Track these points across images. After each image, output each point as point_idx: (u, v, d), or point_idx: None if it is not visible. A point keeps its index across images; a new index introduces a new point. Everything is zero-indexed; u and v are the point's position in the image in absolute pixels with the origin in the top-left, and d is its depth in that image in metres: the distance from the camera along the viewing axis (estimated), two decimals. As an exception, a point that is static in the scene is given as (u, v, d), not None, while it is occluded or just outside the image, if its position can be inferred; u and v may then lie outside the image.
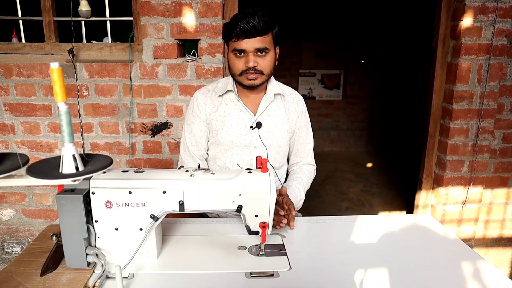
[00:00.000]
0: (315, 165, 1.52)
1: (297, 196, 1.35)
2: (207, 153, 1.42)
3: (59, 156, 0.72)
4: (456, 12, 2.07)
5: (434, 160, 2.32)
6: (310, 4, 4.54)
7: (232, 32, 1.18)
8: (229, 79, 1.35)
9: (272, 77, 1.36)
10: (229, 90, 1.33)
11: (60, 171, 0.71)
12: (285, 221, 1.13)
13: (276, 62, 1.30)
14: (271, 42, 1.22)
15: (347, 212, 3.27)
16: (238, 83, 1.30)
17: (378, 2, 4.70)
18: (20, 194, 2.20)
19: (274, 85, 1.35)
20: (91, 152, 1.75)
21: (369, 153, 5.28)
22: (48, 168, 0.73)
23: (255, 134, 1.32)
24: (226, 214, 1.39)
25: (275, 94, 1.34)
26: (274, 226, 1.14)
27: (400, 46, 4.77)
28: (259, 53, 1.20)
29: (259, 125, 1.31)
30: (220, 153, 1.36)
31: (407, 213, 3.20)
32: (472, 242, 2.33)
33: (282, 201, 1.20)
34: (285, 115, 1.37)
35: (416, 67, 4.39)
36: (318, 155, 1.52)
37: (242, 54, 1.21)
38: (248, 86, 1.26)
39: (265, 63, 1.23)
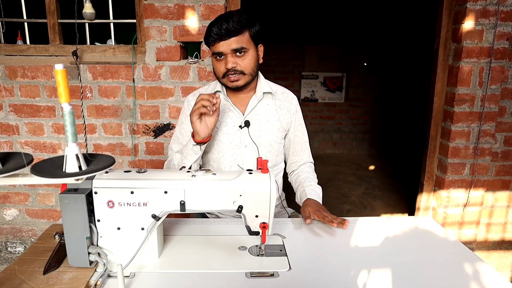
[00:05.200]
0: (313, 161, 1.53)
1: (319, 195, 1.36)
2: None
3: (63, 156, 0.73)
4: (457, 15, 2.07)
5: (435, 163, 2.32)
6: (312, 6, 4.55)
7: (208, 37, 1.21)
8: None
9: (262, 76, 1.38)
10: (218, 91, 1.35)
11: (64, 170, 0.72)
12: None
13: (261, 61, 1.30)
14: (249, 41, 1.22)
15: (349, 215, 3.27)
16: (223, 85, 1.32)
17: (381, 5, 4.71)
18: (23, 194, 2.22)
19: (264, 84, 1.36)
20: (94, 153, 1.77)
21: (371, 155, 5.28)
22: (52, 167, 0.74)
23: (244, 133, 1.33)
24: (225, 214, 1.40)
25: (264, 93, 1.35)
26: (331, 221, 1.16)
27: (402, 48, 4.78)
28: (237, 53, 1.21)
29: (247, 123, 1.32)
30: (213, 154, 1.37)
31: (408, 215, 3.19)
32: (473, 245, 2.32)
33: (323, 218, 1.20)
34: (276, 114, 1.37)
35: (418, 70, 4.40)
36: (320, 158, 1.52)
37: (222, 57, 1.22)
38: (233, 88, 1.28)
39: (245, 62, 1.23)
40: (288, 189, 1.54)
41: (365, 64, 5.08)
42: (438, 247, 1.12)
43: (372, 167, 4.75)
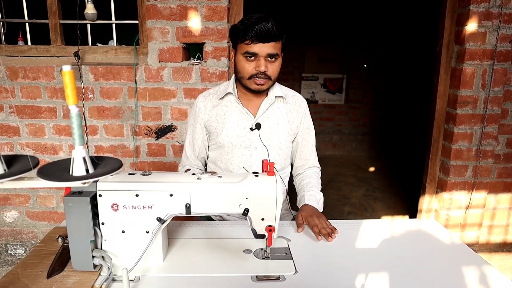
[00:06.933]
0: (319, 166, 1.52)
1: (319, 201, 1.35)
2: (207, 155, 1.44)
3: (69, 159, 0.73)
4: (460, 17, 2.07)
5: (437, 165, 2.32)
6: (313, 7, 4.55)
7: (246, 34, 1.19)
8: (230, 82, 1.36)
9: None
10: (229, 93, 1.35)
11: (71, 173, 0.71)
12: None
13: None
14: (280, 49, 1.25)
15: (350, 217, 3.26)
16: (244, 86, 1.30)
17: (381, 6, 4.71)
18: (24, 196, 2.21)
19: (276, 88, 1.36)
20: (95, 155, 1.75)
21: (371, 157, 5.28)
22: (58, 170, 0.73)
23: (255, 135, 1.32)
24: (230, 217, 1.39)
25: (276, 96, 1.35)
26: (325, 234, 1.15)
27: (402, 49, 4.77)
28: (269, 58, 1.22)
29: (258, 126, 1.31)
30: (221, 155, 1.37)
31: (409, 218, 3.19)
32: (475, 247, 2.32)
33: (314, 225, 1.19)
34: (286, 117, 1.37)
35: (418, 71, 4.40)
36: (320, 159, 1.52)
37: (253, 57, 1.22)
38: (255, 90, 1.27)
39: (274, 68, 1.25)
40: (292, 191, 1.53)
41: (365, 65, 5.08)
42: (443, 249, 1.12)
43: (372, 169, 4.74)
